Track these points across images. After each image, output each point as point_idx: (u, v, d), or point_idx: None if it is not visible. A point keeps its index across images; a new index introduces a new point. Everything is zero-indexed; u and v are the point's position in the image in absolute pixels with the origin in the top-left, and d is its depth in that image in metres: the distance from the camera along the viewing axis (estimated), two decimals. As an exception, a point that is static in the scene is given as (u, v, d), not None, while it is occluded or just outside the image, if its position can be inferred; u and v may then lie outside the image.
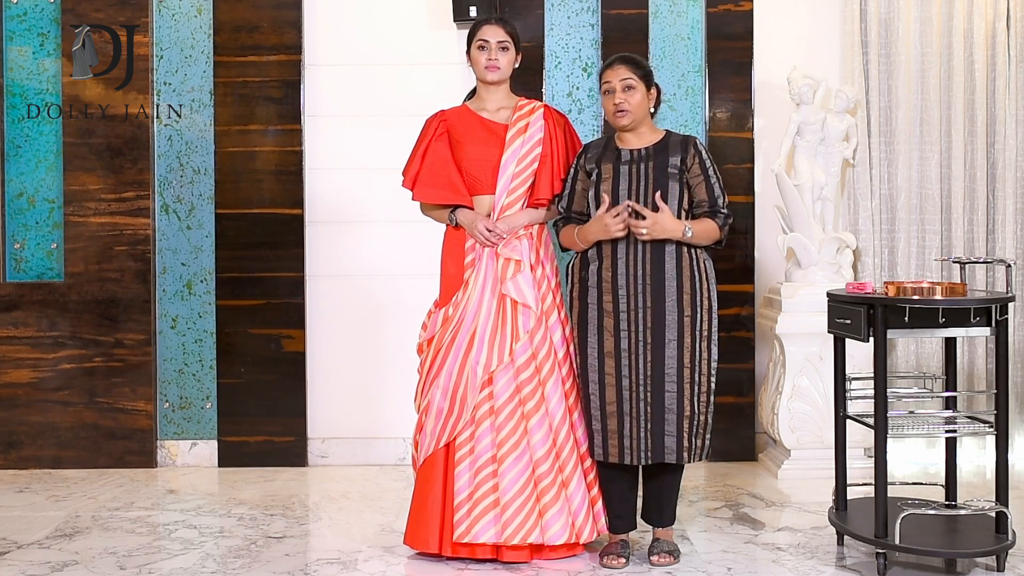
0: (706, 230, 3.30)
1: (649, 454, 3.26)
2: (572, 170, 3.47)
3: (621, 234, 3.26)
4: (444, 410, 3.38)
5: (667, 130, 3.45)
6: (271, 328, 4.84)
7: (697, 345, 3.28)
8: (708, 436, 3.32)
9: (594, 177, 3.37)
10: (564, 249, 3.52)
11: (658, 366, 3.25)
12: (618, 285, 3.28)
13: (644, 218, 3.23)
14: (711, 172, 3.34)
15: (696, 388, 3.27)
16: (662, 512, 3.42)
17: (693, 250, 3.32)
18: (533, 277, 3.41)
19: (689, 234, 3.25)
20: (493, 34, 3.45)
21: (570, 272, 3.43)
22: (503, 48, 3.46)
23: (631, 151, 3.37)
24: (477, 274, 3.42)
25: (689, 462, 3.28)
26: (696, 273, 3.30)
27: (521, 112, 3.50)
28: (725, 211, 3.34)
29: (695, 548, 3.53)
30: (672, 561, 3.36)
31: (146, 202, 4.83)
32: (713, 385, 3.33)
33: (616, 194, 3.31)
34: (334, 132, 4.91)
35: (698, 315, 3.28)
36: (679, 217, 3.29)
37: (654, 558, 3.36)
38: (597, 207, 3.34)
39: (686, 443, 3.26)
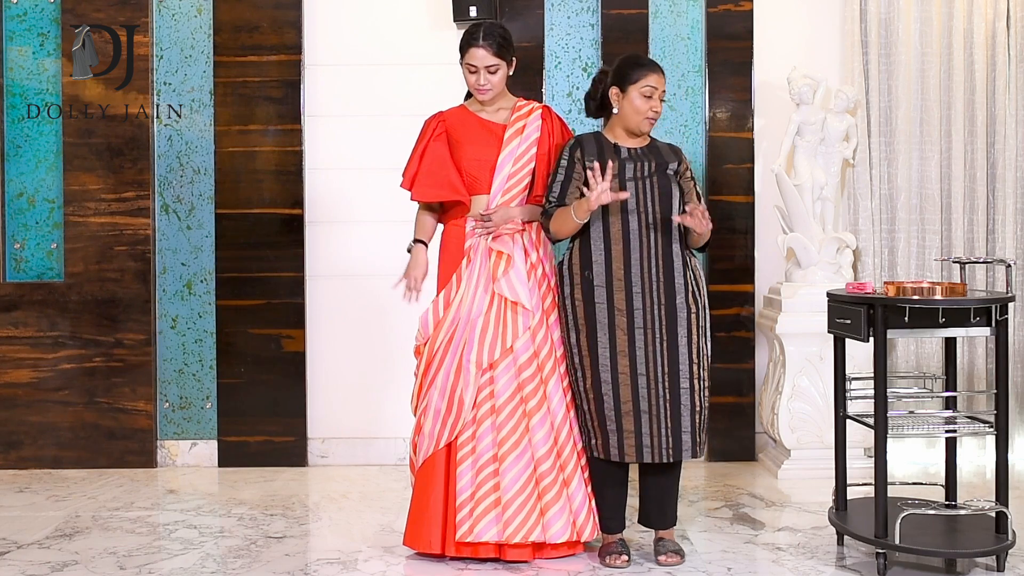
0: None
1: (669, 451, 3.27)
2: (565, 162, 3.40)
3: (607, 199, 3.22)
4: (442, 410, 3.38)
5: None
6: (271, 328, 4.84)
7: (700, 341, 3.35)
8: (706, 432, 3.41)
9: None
10: (554, 241, 3.44)
11: (673, 362, 3.29)
12: (631, 283, 3.28)
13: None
14: (695, 180, 3.50)
15: (701, 384, 3.34)
16: (665, 513, 3.42)
17: (689, 251, 3.41)
18: (533, 276, 3.41)
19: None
20: (481, 59, 3.39)
21: (567, 272, 3.37)
22: (491, 72, 3.42)
23: (628, 149, 3.42)
24: (471, 273, 3.43)
25: (699, 457, 3.34)
26: (694, 272, 3.39)
27: (520, 112, 3.51)
28: None
29: (695, 548, 3.53)
30: (679, 561, 3.36)
31: (146, 202, 4.83)
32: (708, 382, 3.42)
33: (622, 188, 3.32)
34: (334, 132, 4.91)
35: (699, 312, 3.36)
36: None
37: (661, 558, 3.36)
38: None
39: (699, 439, 3.32)
